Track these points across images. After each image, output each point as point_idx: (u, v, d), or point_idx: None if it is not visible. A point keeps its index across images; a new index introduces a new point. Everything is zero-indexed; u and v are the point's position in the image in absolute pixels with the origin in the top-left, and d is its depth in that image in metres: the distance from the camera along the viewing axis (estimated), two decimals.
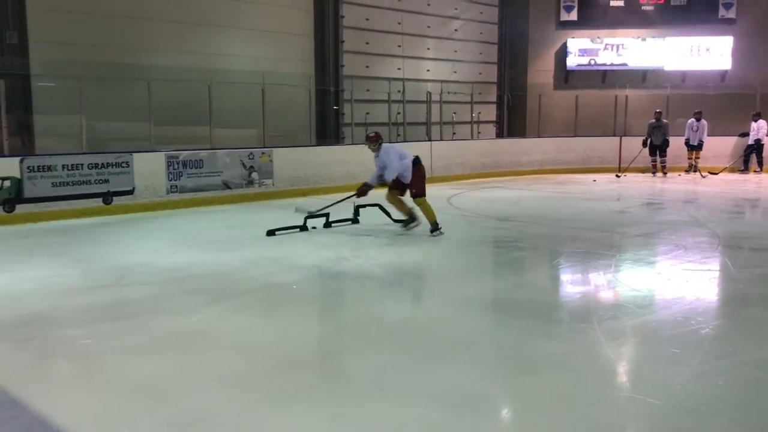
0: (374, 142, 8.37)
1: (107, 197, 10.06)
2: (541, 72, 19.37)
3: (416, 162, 8.23)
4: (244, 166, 11.77)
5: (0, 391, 3.56)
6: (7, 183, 9.11)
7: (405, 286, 6.16)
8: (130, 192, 10.32)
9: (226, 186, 11.54)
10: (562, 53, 19.06)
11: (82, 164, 9.81)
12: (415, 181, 8.13)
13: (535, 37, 19.32)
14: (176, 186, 10.88)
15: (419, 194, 8.14)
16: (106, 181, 10.05)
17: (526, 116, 18.86)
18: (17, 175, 9.19)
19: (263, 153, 12.07)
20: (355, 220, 9.01)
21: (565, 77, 19.16)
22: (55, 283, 5.92)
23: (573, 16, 18.88)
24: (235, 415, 3.32)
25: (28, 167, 9.29)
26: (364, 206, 9.03)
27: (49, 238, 8.24)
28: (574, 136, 17.38)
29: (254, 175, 11.93)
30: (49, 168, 9.48)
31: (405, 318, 5.05)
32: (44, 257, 7.02)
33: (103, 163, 10.02)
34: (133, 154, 10.42)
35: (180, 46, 12.55)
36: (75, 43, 11.16)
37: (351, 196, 8.64)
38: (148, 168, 10.53)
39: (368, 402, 3.50)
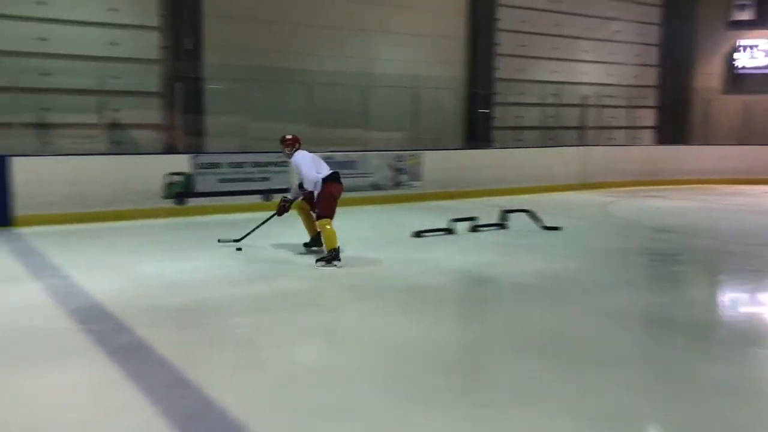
0: (290, 146, 7.30)
1: (267, 194, 10.66)
2: (706, 75, 18.09)
3: (329, 178, 7.01)
4: (393, 169, 12.01)
5: (170, 371, 3.88)
6: (179, 178, 9.92)
7: (555, 295, 6.00)
8: (288, 190, 10.84)
9: (375, 187, 11.83)
10: (731, 55, 17.68)
11: (245, 163, 10.49)
12: (321, 200, 6.94)
13: (702, 38, 18.07)
14: None
15: (321, 215, 6.86)
16: (267, 179, 10.67)
17: (688, 122, 17.69)
18: (189, 171, 9.99)
19: (412, 155, 12.25)
20: (503, 225, 8.91)
21: (734, 80, 17.77)
22: (220, 274, 6.36)
23: (747, 15, 17.45)
24: (380, 410, 3.41)
25: (198, 164, 10.06)
26: (511, 211, 8.91)
27: (215, 230, 8.84)
28: (743, 145, 16.06)
29: (403, 177, 12.13)
30: (216, 165, 10.22)
31: (553, 328, 4.92)
32: (210, 249, 7.55)
33: (264, 162, 10.65)
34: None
35: (338, 51, 13.02)
36: (243, 48, 11.91)
37: (272, 216, 7.75)
38: None
39: (511, 409, 3.46)
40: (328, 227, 6.76)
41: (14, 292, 5.57)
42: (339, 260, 6.66)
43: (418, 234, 8.28)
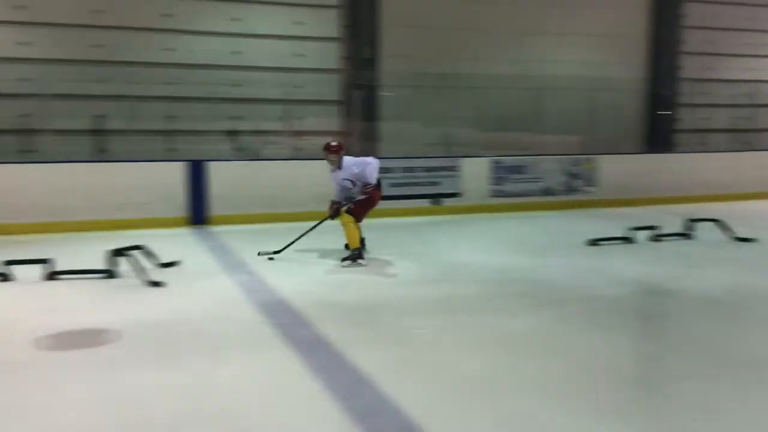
0: (337, 153, 7.23)
1: (436, 198, 10.80)
2: None
3: (377, 185, 7.30)
4: (567, 173, 11.65)
5: (349, 367, 4.06)
6: None
7: (744, 312, 5.50)
8: (457, 194, 10.93)
9: (548, 192, 11.55)
10: None
11: (416, 167, 10.70)
12: (362, 203, 7.20)
13: None
14: (499, 190, 11.23)
15: (353, 213, 7.12)
16: (437, 183, 10.81)
17: None
18: None
19: (587, 160, 11.82)
20: (688, 236, 8.33)
21: None
22: (393, 274, 6.55)
23: None
24: (558, 421, 3.33)
25: None
26: (698, 220, 8.31)
27: (387, 233, 9.11)
28: None
29: (577, 182, 11.74)
30: (388, 170, 10.51)
31: (740, 346, 4.52)
32: (383, 250, 7.79)
33: (434, 167, 10.80)
34: (462, 159, 11.02)
35: (509, 54, 12.88)
36: (415, 56, 12.16)
37: (324, 220, 7.56)
38: (475, 172, 11.04)
39: (694, 426, 3.24)
40: (353, 225, 7.03)
41: (210, 286, 6.11)
42: (363, 258, 6.96)
43: (594, 242, 7.97)
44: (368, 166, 7.16)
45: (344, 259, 7.00)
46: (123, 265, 6.29)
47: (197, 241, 8.33)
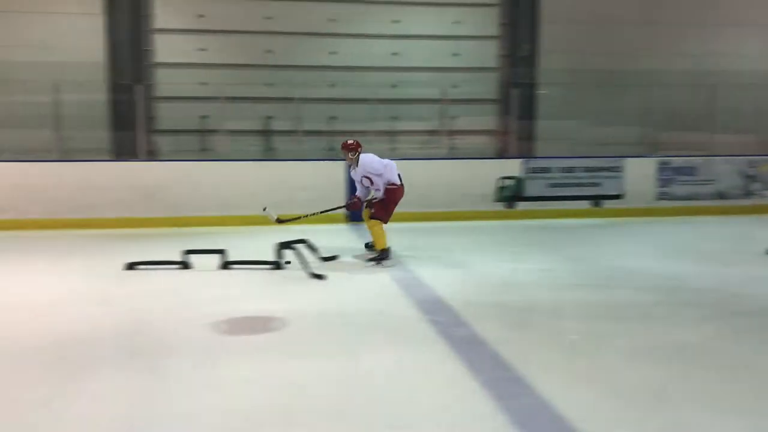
0: (354, 150, 6.97)
1: (597, 200, 10.38)
2: None
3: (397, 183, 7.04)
4: (743, 175, 10.75)
5: (506, 368, 4.00)
6: (510, 182, 10.18)
7: None
8: (620, 196, 10.44)
9: (721, 196, 10.71)
10: None
11: (576, 167, 10.34)
12: (383, 204, 7.00)
13: None
14: (666, 193, 10.58)
15: (377, 216, 6.97)
16: (598, 184, 10.38)
17: None
18: (520, 175, 10.19)
19: (767, 161, 10.83)
20: None
21: None
22: (550, 277, 6.38)
23: None
24: None
25: (528, 168, 10.21)
26: None
27: (544, 234, 8.90)
28: None
29: (755, 185, 10.79)
30: (546, 170, 10.25)
31: None
32: (541, 252, 7.61)
33: (595, 167, 10.38)
34: (625, 159, 10.50)
35: (678, 49, 12.12)
36: (576, 52, 11.77)
37: (338, 207, 7.59)
38: (639, 173, 10.49)
39: None
40: (377, 228, 6.91)
41: (369, 280, 6.28)
42: (389, 259, 6.85)
43: None
44: (389, 167, 7.03)
45: (370, 260, 6.96)
46: (288, 257, 6.64)
47: (355, 238, 8.60)
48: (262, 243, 7.17)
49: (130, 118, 10.30)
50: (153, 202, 9.35)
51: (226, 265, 6.62)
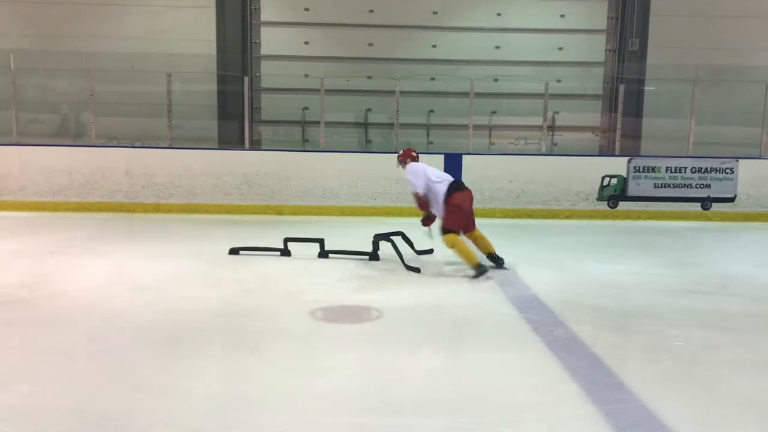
0: (402, 160, 6.71)
1: (706, 202, 9.88)
2: None
3: (451, 189, 6.22)
4: None
5: (607, 373, 3.87)
6: (613, 181, 9.83)
7: None
8: (731, 199, 9.89)
9: None
10: None
11: (685, 168, 9.87)
12: (447, 213, 6.20)
13: None
14: None
15: (446, 228, 6.18)
16: (708, 186, 9.87)
17: None
18: (623, 174, 9.83)
19: None
20: None
21: None
22: (654, 281, 6.11)
23: None
24: None
25: (633, 167, 9.83)
26: None
27: (647, 236, 8.55)
28: None
29: None
30: (653, 169, 9.84)
31: None
32: (643, 254, 7.31)
33: (706, 168, 9.87)
34: (739, 161, 9.93)
35: None
36: (687, 47, 11.22)
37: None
38: (753, 175, 9.89)
39: None
40: (457, 246, 6.14)
41: (466, 276, 6.23)
42: (487, 272, 6.04)
43: None
44: (406, 177, 6.52)
45: (473, 277, 6.07)
46: (384, 249, 6.69)
47: None
48: (358, 234, 7.26)
49: (236, 109, 10.67)
50: (253, 189, 9.66)
51: (324, 253, 6.75)
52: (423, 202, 6.44)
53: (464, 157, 9.82)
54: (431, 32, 11.42)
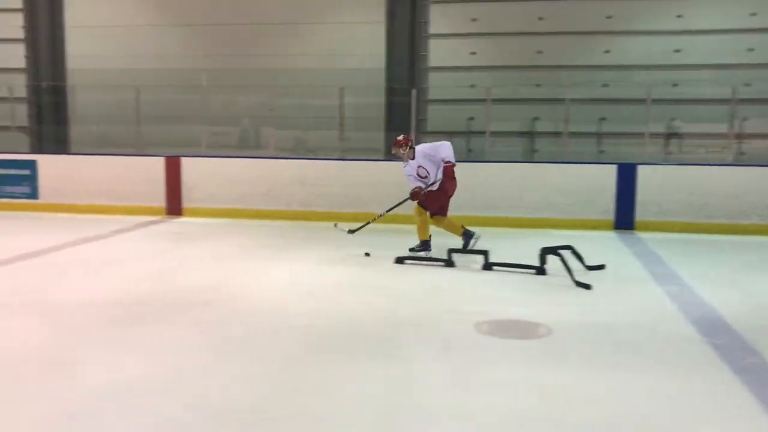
0: (403, 145, 7.24)
1: None
2: None
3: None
4: None
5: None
6: None
7: None
8: None
9: None
10: None
11: None
12: (435, 197, 7.20)
13: None
14: None
15: (435, 213, 7.29)
16: None
17: None
18: None
19: None
20: None
21: None
22: None
23: None
24: None
25: None
26: None
27: None
28: None
29: None
30: None
31: None
32: None
33: None
34: None
35: None
36: None
37: (405, 200, 7.40)
38: None
39: None
40: (421, 218, 7.19)
41: (637, 293, 5.89)
42: (429, 251, 7.16)
43: None
44: (441, 146, 7.08)
45: (411, 249, 7.28)
46: (552, 263, 6.49)
47: (622, 246, 8.15)
48: (524, 246, 7.11)
49: (403, 120, 10.89)
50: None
51: (488, 265, 6.68)
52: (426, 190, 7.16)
53: (639, 167, 9.31)
54: (604, 37, 10.96)
